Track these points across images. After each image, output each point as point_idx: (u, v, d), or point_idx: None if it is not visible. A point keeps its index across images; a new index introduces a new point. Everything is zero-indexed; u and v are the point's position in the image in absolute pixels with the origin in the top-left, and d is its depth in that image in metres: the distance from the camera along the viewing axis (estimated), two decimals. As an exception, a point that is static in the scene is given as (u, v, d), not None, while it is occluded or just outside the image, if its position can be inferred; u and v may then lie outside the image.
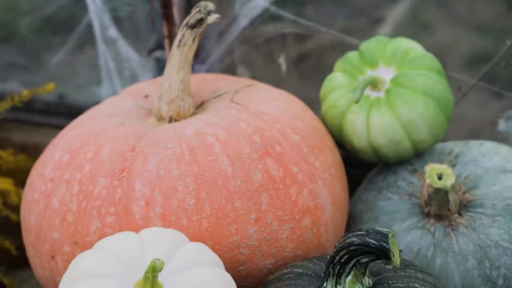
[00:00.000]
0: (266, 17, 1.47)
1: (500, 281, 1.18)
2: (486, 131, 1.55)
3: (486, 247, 1.20)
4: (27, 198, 1.27)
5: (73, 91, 1.77)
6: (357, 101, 1.28)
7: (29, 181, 1.29)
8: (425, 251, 1.23)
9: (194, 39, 1.30)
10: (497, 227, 1.21)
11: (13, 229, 1.58)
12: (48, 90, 1.67)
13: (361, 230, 0.99)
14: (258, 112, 1.25)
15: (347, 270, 1.01)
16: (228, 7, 1.49)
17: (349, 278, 1.01)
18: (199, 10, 1.29)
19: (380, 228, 0.99)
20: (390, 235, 0.97)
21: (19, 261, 1.65)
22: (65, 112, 1.81)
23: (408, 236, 1.26)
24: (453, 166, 1.32)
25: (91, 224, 1.16)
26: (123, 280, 0.99)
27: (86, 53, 1.75)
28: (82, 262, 1.02)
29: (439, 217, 1.25)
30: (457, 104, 1.43)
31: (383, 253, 0.97)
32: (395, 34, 1.49)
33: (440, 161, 1.33)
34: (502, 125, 1.46)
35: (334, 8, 1.68)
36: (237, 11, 1.48)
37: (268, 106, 1.27)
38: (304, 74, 1.54)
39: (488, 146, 1.34)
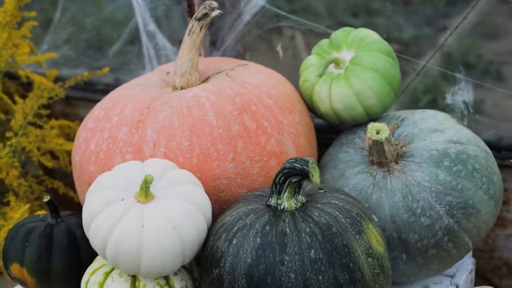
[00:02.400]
0: (264, 13, 1.88)
1: (419, 211, 1.54)
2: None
3: (411, 186, 1.56)
4: (75, 144, 1.73)
5: (126, 75, 2.22)
6: (320, 75, 1.67)
7: (77, 132, 1.75)
8: (366, 189, 1.60)
9: (200, 29, 1.72)
10: (421, 171, 1.57)
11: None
12: (103, 72, 2.13)
13: (292, 159, 1.39)
14: (242, 82, 1.66)
15: (284, 188, 1.40)
16: (235, 5, 1.91)
17: (286, 194, 1.40)
18: (205, 7, 1.72)
19: (306, 158, 1.38)
20: (310, 161, 1.36)
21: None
22: (119, 92, 2.27)
23: (355, 178, 1.63)
24: (397, 127, 1.68)
25: (115, 160, 1.60)
26: (127, 190, 1.43)
27: (135, 45, 2.21)
28: (100, 179, 1.46)
29: (380, 164, 1.62)
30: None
31: (305, 174, 1.36)
32: (459, 41, 1.80)
33: (389, 124, 1.70)
34: (449, 99, 1.80)
35: (403, 18, 1.95)
36: (242, 9, 1.90)
37: (251, 78, 1.69)
38: (296, 59, 1.93)
39: (429, 113, 1.70)
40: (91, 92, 2.29)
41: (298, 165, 1.37)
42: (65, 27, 2.36)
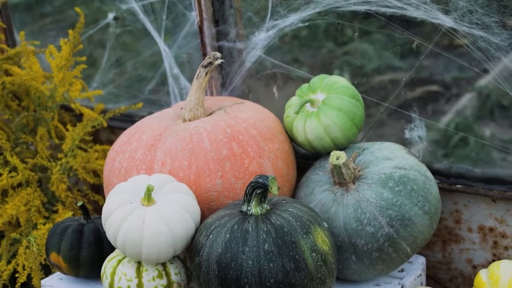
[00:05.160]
0: (261, 61, 2.33)
1: (365, 221, 1.93)
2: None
3: (361, 201, 1.96)
4: (105, 162, 2.20)
5: (157, 109, 2.68)
6: (296, 113, 2.10)
7: (108, 153, 2.22)
8: (328, 203, 2.01)
9: (206, 74, 2.18)
10: (370, 190, 1.97)
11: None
12: (137, 107, 2.61)
13: (258, 175, 1.81)
14: (234, 117, 2.11)
15: (252, 198, 1.83)
16: (240, 55, 2.37)
17: (253, 202, 1.83)
18: (209, 57, 2.18)
19: (268, 174, 1.81)
20: (270, 177, 1.79)
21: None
22: (152, 123, 2.75)
23: (321, 195, 2.04)
24: (359, 155, 2.09)
25: (132, 174, 2.06)
26: (135, 196, 1.88)
27: (164, 85, 2.69)
28: (117, 187, 1.92)
29: (341, 184, 2.02)
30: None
31: (266, 187, 1.79)
32: (494, 84, 2.05)
33: (353, 153, 2.10)
34: (407, 134, 2.20)
35: (448, 61, 2.18)
36: (244, 58, 2.36)
37: (242, 113, 2.13)
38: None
39: (385, 144, 2.10)
40: (130, 123, 2.75)
41: (261, 180, 1.80)
42: (110, 69, 2.87)
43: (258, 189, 1.81)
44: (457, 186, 2.17)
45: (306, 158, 2.36)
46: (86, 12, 2.90)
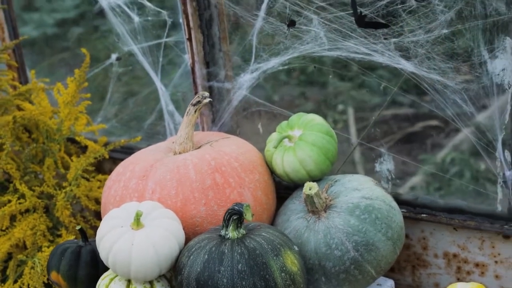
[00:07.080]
0: (246, 100, 2.56)
1: (333, 245, 2.14)
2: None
3: (330, 228, 2.17)
4: (103, 190, 2.43)
5: (155, 142, 2.92)
6: (275, 147, 2.33)
7: (105, 182, 2.45)
8: (301, 229, 2.22)
9: (195, 111, 2.41)
10: (339, 217, 2.18)
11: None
12: (136, 140, 2.85)
13: (234, 203, 2.03)
14: (218, 150, 2.33)
15: (229, 223, 2.04)
16: (228, 93, 2.60)
17: (230, 227, 2.04)
18: (198, 96, 2.41)
19: (243, 203, 2.02)
20: (245, 205, 2.01)
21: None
22: (150, 155, 2.98)
23: (296, 222, 2.25)
24: (331, 186, 2.30)
25: (126, 202, 2.28)
26: (126, 221, 2.10)
27: (162, 120, 2.93)
28: (111, 212, 2.15)
29: (314, 212, 2.23)
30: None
31: (241, 213, 2.00)
32: (492, 121, 2.22)
33: (326, 184, 2.32)
34: (377, 167, 2.41)
35: (447, 96, 2.27)
36: (231, 96, 2.59)
37: (226, 147, 2.35)
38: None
39: (355, 176, 2.31)
40: (130, 155, 3.00)
41: (236, 207, 2.02)
42: (114, 105, 3.11)
43: (234, 215, 2.03)
44: (422, 215, 2.37)
45: (288, 188, 2.58)
46: (100, 47, 3.16)
